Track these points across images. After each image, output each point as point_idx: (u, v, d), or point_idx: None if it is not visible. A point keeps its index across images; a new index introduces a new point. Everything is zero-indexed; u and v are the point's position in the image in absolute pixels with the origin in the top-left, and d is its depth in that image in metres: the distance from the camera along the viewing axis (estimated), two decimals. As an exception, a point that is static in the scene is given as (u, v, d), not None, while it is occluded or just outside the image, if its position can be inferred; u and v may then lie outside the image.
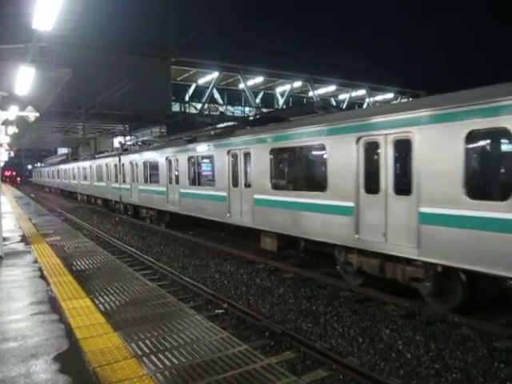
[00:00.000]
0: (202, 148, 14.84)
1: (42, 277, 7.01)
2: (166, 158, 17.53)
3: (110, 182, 25.63)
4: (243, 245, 14.03)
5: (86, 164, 32.27)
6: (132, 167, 21.67)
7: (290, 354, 6.33)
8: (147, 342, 4.36)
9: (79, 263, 8.02)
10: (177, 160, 16.80)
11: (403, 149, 7.76)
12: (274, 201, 11.02)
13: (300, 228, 10.15)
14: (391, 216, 7.86)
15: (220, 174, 13.49)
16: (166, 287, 9.61)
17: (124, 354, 4.09)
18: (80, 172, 34.39)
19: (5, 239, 10.38)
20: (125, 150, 25.17)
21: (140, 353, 4.10)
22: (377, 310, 8.10)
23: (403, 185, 7.71)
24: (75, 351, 4.18)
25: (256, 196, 11.72)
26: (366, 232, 8.37)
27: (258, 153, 11.65)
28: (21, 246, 9.81)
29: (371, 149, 8.40)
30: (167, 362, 3.88)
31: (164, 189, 17.74)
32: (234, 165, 12.78)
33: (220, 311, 8.27)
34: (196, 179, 15.57)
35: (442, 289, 7.46)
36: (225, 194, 13.11)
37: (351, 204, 8.67)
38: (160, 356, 4.02)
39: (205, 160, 15.09)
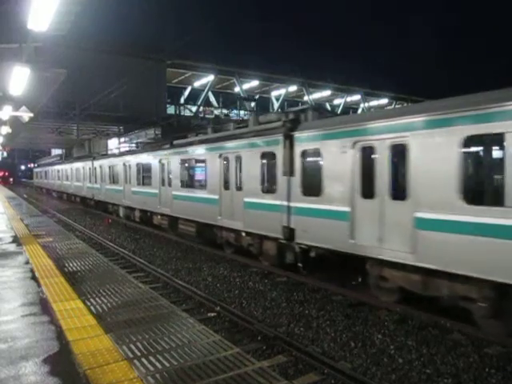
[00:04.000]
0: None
1: (34, 278, 6.95)
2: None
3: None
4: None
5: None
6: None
7: (282, 357, 6.31)
8: (138, 344, 4.33)
9: (71, 265, 7.96)
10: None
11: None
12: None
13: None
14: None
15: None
16: (158, 290, 9.56)
17: (115, 356, 4.06)
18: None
19: (-4, 240, 10.31)
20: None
21: (131, 355, 4.07)
22: (369, 314, 8.11)
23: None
24: (66, 353, 4.14)
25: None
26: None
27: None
28: (12, 247, 9.72)
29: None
30: (158, 365, 3.86)
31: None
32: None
33: (212, 314, 8.25)
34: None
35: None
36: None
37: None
38: (151, 359, 3.99)
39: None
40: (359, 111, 50.48)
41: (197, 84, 46.56)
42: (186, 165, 15.64)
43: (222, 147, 13.09)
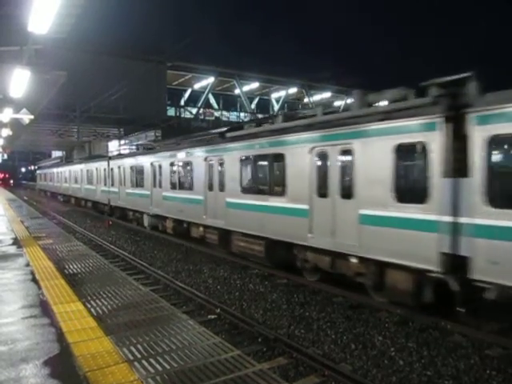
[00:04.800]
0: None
1: (34, 280, 6.95)
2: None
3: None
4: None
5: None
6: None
7: (282, 359, 6.31)
8: (139, 346, 4.32)
9: (71, 267, 7.96)
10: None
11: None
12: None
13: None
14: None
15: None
16: (158, 292, 9.57)
17: (115, 358, 4.06)
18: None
19: (-4, 242, 10.32)
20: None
21: (131, 357, 4.06)
22: (370, 316, 8.10)
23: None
24: (66, 355, 4.14)
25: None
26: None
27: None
28: (12, 249, 9.72)
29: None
30: (159, 367, 3.86)
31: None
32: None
33: (213, 316, 8.24)
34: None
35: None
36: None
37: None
38: (151, 361, 3.99)
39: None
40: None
41: (197, 86, 46.65)
42: (250, 164, 12.04)
43: (314, 139, 9.62)
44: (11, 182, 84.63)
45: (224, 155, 12.92)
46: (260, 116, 43.64)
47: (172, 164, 16.50)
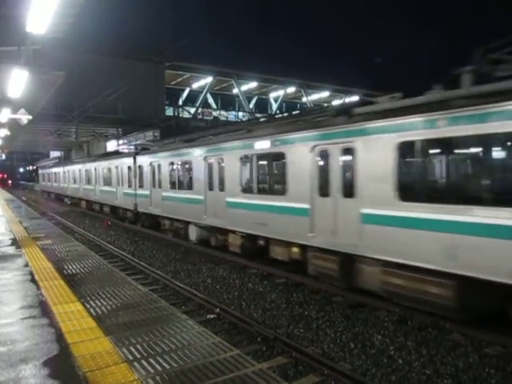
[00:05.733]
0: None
1: (33, 281, 6.94)
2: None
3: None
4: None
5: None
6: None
7: (281, 359, 6.31)
8: (138, 346, 4.33)
9: (70, 267, 7.96)
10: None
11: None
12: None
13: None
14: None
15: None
16: (158, 292, 9.57)
17: (115, 358, 4.06)
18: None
19: (-5, 242, 10.30)
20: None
21: (131, 357, 4.07)
22: (369, 315, 8.11)
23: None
24: (65, 356, 4.14)
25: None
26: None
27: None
28: (11, 250, 9.70)
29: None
30: (158, 367, 3.86)
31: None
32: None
33: (212, 316, 8.24)
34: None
35: None
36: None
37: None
38: (151, 361, 3.99)
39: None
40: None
41: (195, 86, 46.66)
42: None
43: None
44: (9, 182, 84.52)
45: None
46: (258, 115, 43.68)
47: (246, 159, 12.03)
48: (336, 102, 55.19)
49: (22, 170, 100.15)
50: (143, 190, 19.12)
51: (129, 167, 21.00)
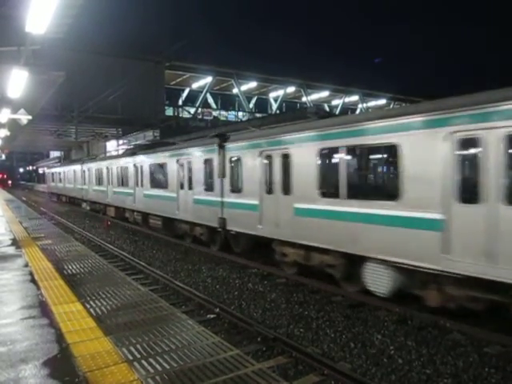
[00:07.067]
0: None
1: (33, 281, 6.94)
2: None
3: None
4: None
5: None
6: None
7: (281, 359, 6.31)
8: (138, 346, 4.33)
9: (70, 267, 7.96)
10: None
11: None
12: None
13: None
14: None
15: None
16: (157, 292, 9.57)
17: (115, 358, 4.06)
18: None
19: (-5, 243, 10.30)
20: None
21: (131, 357, 4.07)
22: (369, 315, 8.11)
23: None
24: (65, 356, 4.14)
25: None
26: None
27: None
28: (11, 250, 9.71)
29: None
30: (158, 367, 3.86)
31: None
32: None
33: (212, 316, 8.24)
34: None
35: None
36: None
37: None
38: (151, 361, 3.99)
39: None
40: (357, 112, 50.45)
41: (195, 85, 46.64)
42: None
43: None
44: (9, 182, 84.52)
45: None
46: (258, 115, 43.67)
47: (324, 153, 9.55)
48: (336, 102, 55.31)
49: (21, 170, 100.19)
50: (240, 195, 12.36)
51: (205, 161, 13.92)
